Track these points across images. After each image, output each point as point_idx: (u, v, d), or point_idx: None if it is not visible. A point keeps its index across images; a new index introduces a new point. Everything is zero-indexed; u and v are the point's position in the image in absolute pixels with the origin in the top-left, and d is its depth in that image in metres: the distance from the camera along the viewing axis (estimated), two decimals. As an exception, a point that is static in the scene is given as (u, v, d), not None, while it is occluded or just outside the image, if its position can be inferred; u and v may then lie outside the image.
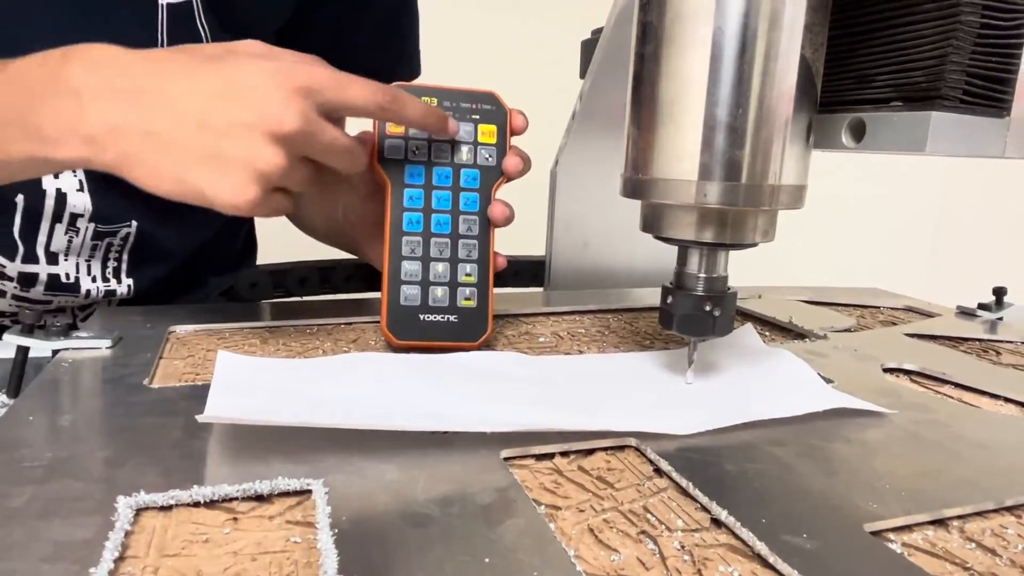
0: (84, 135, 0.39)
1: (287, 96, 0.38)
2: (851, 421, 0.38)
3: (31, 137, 0.39)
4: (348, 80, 0.41)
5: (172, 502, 0.27)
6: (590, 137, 0.69)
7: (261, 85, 0.39)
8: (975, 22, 0.33)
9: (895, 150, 0.35)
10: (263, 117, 0.38)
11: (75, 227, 0.58)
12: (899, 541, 0.28)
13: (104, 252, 0.61)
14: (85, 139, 0.39)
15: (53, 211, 0.57)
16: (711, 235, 0.38)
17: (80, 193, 0.57)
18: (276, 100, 0.38)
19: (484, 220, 0.48)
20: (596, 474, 0.32)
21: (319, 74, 0.40)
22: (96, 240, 0.60)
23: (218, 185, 0.39)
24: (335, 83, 0.40)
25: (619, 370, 0.45)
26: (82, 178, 0.57)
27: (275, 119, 0.38)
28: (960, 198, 1.73)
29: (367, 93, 0.41)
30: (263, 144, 0.38)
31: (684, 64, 0.36)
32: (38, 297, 0.60)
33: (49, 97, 0.39)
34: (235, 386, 0.37)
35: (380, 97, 0.41)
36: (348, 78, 0.41)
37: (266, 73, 0.39)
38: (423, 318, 0.46)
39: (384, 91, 0.41)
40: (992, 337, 0.59)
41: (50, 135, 0.39)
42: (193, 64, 0.40)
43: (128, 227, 0.61)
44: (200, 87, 0.39)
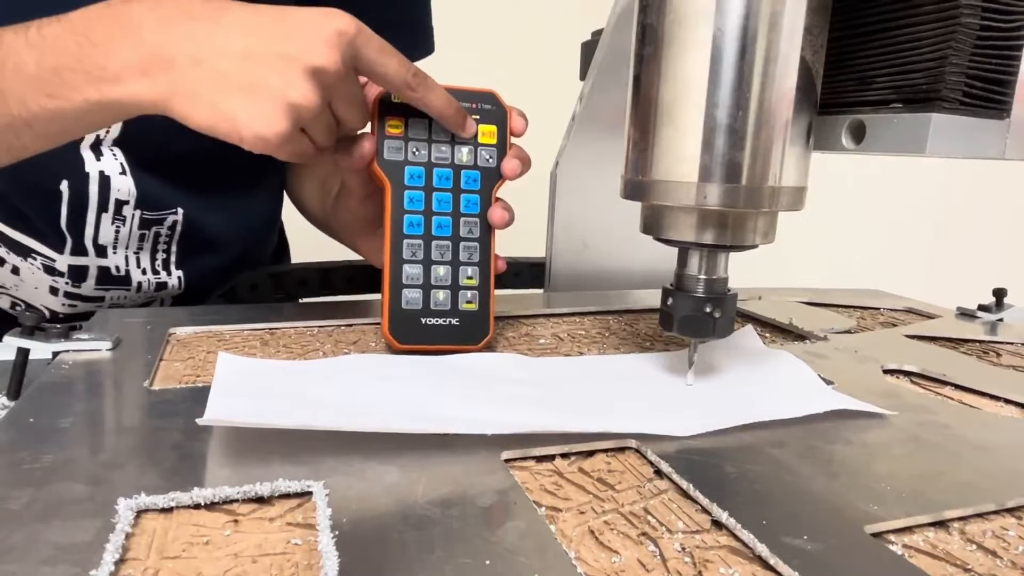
0: (140, 66, 0.40)
1: (332, 36, 0.40)
2: (851, 422, 0.38)
3: (93, 78, 0.41)
4: (390, 48, 0.42)
5: (172, 504, 0.27)
6: (590, 139, 0.69)
7: (310, 22, 0.40)
8: (975, 24, 0.33)
9: (895, 152, 0.35)
10: (304, 51, 0.39)
11: (121, 215, 0.59)
12: (900, 543, 0.28)
13: (152, 243, 0.62)
14: (141, 70, 0.40)
15: (99, 198, 0.57)
16: (711, 237, 0.38)
17: (123, 177, 0.58)
18: (320, 38, 0.40)
19: (485, 222, 0.48)
20: (597, 476, 0.32)
21: (369, 35, 0.41)
22: (143, 229, 0.61)
23: (251, 114, 0.40)
24: (379, 44, 0.41)
25: (619, 372, 0.45)
26: (123, 160, 0.58)
27: (316, 53, 0.39)
28: (960, 199, 1.73)
29: (401, 66, 0.42)
30: (299, 76, 0.39)
31: (684, 66, 0.36)
32: (90, 293, 0.61)
33: (113, 36, 0.40)
34: (235, 388, 0.37)
35: (410, 75, 0.42)
36: (391, 50, 0.42)
37: (319, 13, 0.40)
38: (425, 322, 0.46)
39: (417, 71, 0.43)
40: (992, 338, 0.59)
41: (112, 72, 0.40)
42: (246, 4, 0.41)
43: (175, 214, 0.62)
44: (252, 20, 0.40)
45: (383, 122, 0.46)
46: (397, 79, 0.42)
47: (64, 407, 0.36)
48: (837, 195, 1.36)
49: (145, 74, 0.40)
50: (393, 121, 0.46)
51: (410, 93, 0.43)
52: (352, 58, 0.41)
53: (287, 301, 0.72)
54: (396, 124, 0.46)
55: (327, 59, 0.39)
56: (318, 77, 0.40)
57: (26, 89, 0.42)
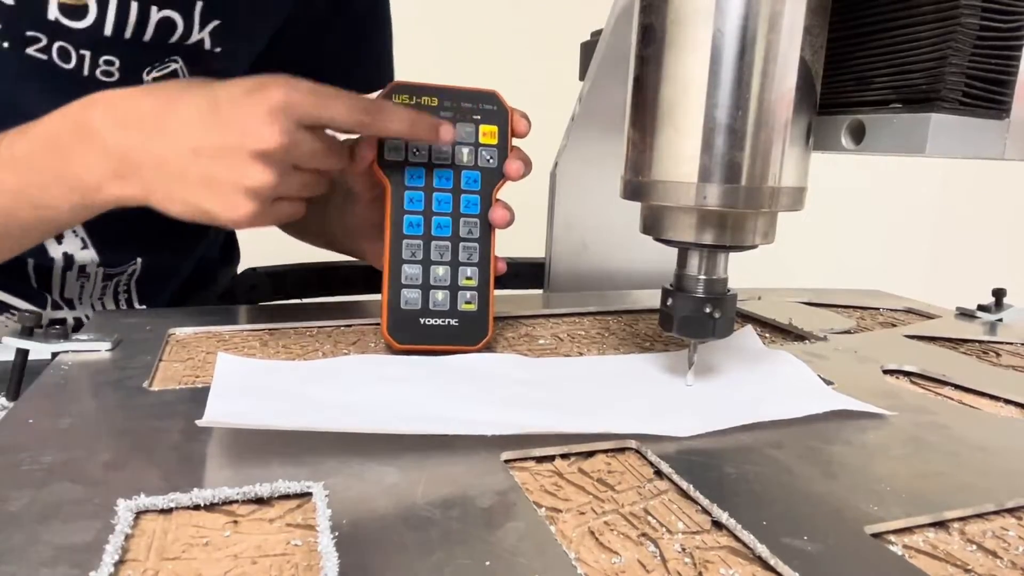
0: (114, 172, 0.42)
1: (266, 115, 0.40)
2: (851, 423, 0.38)
3: (73, 188, 0.43)
4: (328, 95, 0.41)
5: (172, 505, 0.27)
6: (589, 139, 0.69)
7: (242, 107, 0.40)
8: (974, 24, 0.33)
9: (895, 152, 0.35)
10: (245, 137, 0.40)
11: (85, 273, 0.61)
12: (900, 543, 0.28)
13: (114, 289, 0.64)
14: (115, 175, 0.43)
15: (63, 267, 0.60)
16: (711, 237, 0.38)
17: (86, 251, 0.60)
18: (256, 120, 0.40)
19: (485, 222, 0.47)
20: (597, 476, 0.32)
21: (298, 90, 0.41)
22: (106, 281, 0.63)
23: (217, 205, 0.42)
24: (315, 99, 0.41)
25: (619, 372, 0.45)
26: (84, 236, 0.60)
27: (256, 138, 0.40)
28: (960, 200, 1.73)
29: (347, 108, 0.41)
30: (248, 163, 0.40)
31: (684, 66, 0.36)
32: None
33: (77, 145, 0.43)
34: (235, 389, 0.37)
35: (360, 113, 0.42)
36: (328, 93, 0.42)
37: (247, 94, 0.41)
38: (424, 322, 0.46)
39: (365, 106, 0.42)
40: (992, 338, 0.59)
41: (89, 182, 0.43)
42: (187, 92, 0.42)
43: (134, 264, 0.64)
44: (191, 115, 0.41)
45: None
46: (348, 122, 0.42)
47: (63, 408, 0.36)
48: (837, 195, 1.36)
49: (120, 177, 0.43)
50: None
51: (367, 129, 0.43)
52: (295, 123, 0.41)
53: (286, 301, 0.72)
54: None
55: (268, 140, 0.40)
56: (266, 158, 0.40)
57: (13, 204, 0.44)
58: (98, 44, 0.50)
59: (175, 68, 0.55)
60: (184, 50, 0.54)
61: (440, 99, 0.46)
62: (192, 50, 0.55)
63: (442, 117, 0.46)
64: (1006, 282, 0.68)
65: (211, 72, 0.56)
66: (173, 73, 0.55)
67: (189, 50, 0.55)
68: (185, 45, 0.54)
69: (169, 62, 0.54)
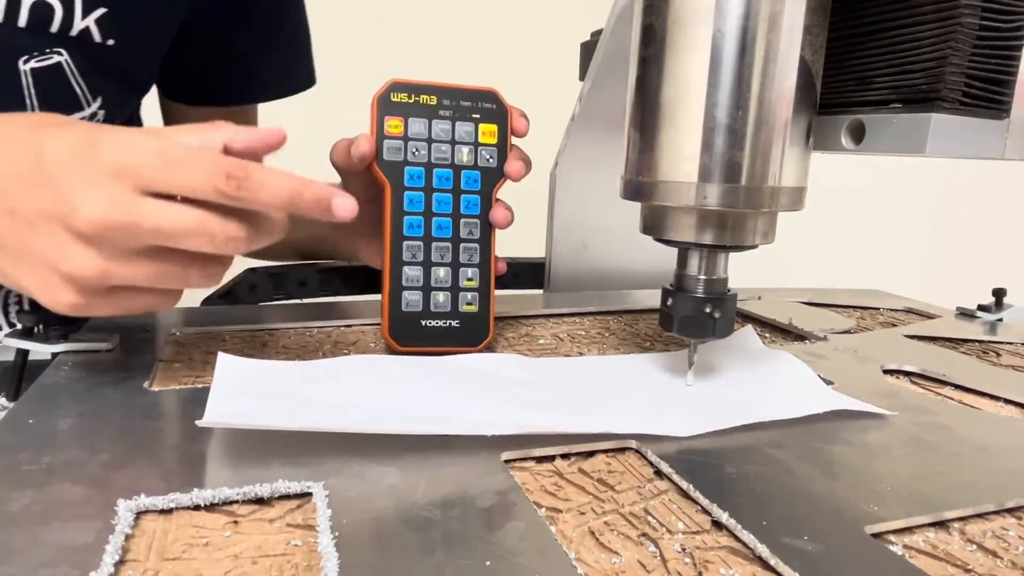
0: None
1: (90, 179, 0.31)
2: (851, 423, 0.38)
3: None
4: (176, 159, 0.32)
5: (172, 505, 0.27)
6: (589, 139, 0.69)
7: (65, 165, 0.32)
8: (974, 24, 0.33)
9: (895, 152, 0.35)
10: (58, 204, 0.32)
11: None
12: (900, 543, 0.28)
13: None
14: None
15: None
16: (711, 237, 0.38)
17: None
18: (76, 184, 0.31)
19: (485, 223, 0.47)
20: (597, 476, 0.32)
21: (138, 149, 0.32)
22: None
23: (35, 285, 0.34)
24: (158, 161, 0.32)
25: (619, 372, 0.45)
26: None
27: (70, 208, 0.31)
28: (959, 199, 1.73)
29: (201, 175, 0.32)
30: (68, 241, 0.32)
31: (684, 66, 0.36)
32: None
33: None
34: (235, 390, 0.37)
35: (220, 181, 0.32)
36: (177, 156, 0.32)
37: (74, 152, 0.32)
38: (425, 324, 0.46)
39: (231, 171, 0.32)
40: (992, 338, 0.59)
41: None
42: (13, 138, 0.35)
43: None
44: (12, 166, 0.33)
45: (382, 122, 0.45)
46: (205, 191, 0.32)
47: (63, 408, 0.36)
48: (837, 195, 1.36)
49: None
50: (392, 120, 0.45)
51: (231, 201, 0.33)
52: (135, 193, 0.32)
53: (286, 302, 0.72)
54: (395, 124, 0.45)
55: (94, 215, 0.31)
56: (89, 240, 0.32)
57: None
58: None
59: (59, 60, 0.49)
60: (69, 41, 0.49)
61: (439, 97, 0.46)
62: (79, 41, 0.50)
63: (441, 115, 0.46)
64: (1006, 282, 0.68)
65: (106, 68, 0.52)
66: (56, 65, 0.49)
67: (76, 41, 0.50)
68: (70, 36, 0.49)
69: (51, 53, 0.49)
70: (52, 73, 0.50)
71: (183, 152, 0.33)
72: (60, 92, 0.51)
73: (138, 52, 0.55)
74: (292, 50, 0.69)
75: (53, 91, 0.51)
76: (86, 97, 0.53)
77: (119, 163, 0.32)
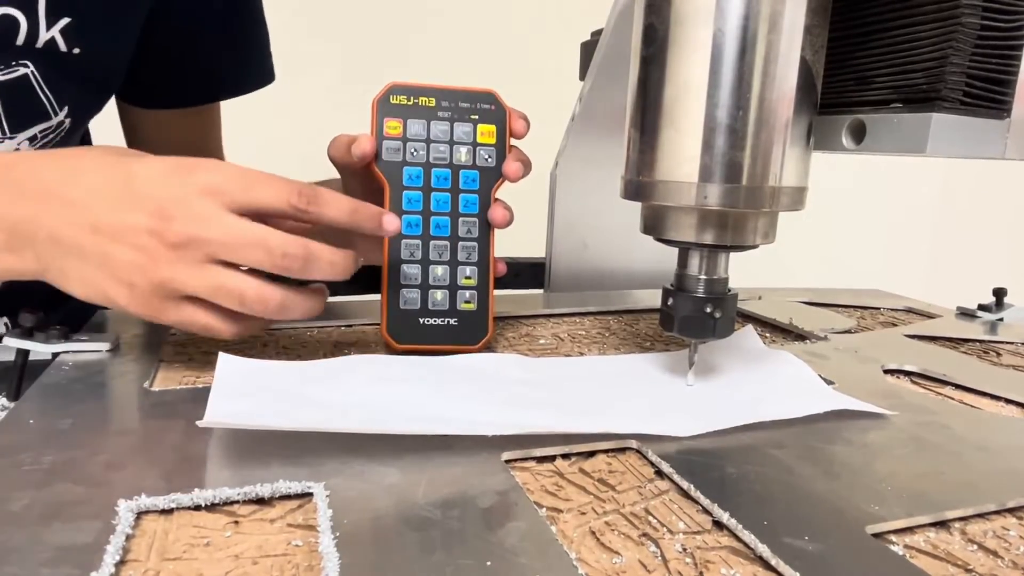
0: (5, 244, 0.38)
1: (182, 196, 0.36)
2: (852, 423, 0.38)
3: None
4: (258, 178, 0.38)
5: (173, 505, 0.27)
6: (590, 139, 0.69)
7: (157, 184, 0.36)
8: (975, 24, 0.33)
9: (896, 152, 0.35)
10: (152, 217, 0.36)
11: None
12: (901, 543, 0.28)
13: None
14: (6, 247, 0.38)
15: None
16: (712, 237, 0.38)
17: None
18: (170, 200, 0.36)
19: (484, 222, 0.47)
20: (597, 476, 0.32)
21: (224, 172, 0.37)
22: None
23: (118, 293, 0.37)
24: (241, 182, 0.37)
25: (620, 372, 0.45)
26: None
27: (165, 220, 0.36)
28: (960, 199, 1.73)
29: (279, 193, 0.38)
30: (154, 248, 0.36)
31: (685, 66, 0.36)
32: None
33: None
34: (235, 390, 0.37)
35: (293, 198, 0.38)
36: (258, 176, 0.38)
37: (165, 172, 0.37)
38: (423, 322, 0.46)
39: (301, 190, 0.38)
40: (992, 338, 0.59)
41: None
42: (98, 163, 0.38)
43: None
44: (100, 187, 0.37)
45: (381, 124, 0.46)
46: (280, 207, 0.38)
47: (64, 408, 0.36)
48: (837, 195, 1.36)
49: (12, 251, 0.38)
50: (392, 122, 0.46)
51: (301, 216, 0.39)
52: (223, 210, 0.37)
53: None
54: (395, 125, 0.46)
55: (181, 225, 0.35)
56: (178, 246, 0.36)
57: None
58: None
59: (25, 72, 0.49)
60: (36, 53, 0.49)
61: (437, 99, 0.47)
62: (45, 53, 0.49)
63: (440, 117, 0.47)
64: (1007, 281, 0.68)
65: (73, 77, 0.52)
66: (23, 78, 0.50)
67: (42, 53, 0.49)
68: (36, 48, 0.49)
69: (17, 66, 0.49)
70: (18, 85, 0.50)
71: (262, 174, 0.38)
72: (27, 104, 0.51)
73: (104, 59, 0.55)
74: (249, 47, 0.68)
75: (20, 103, 0.51)
76: (53, 107, 0.53)
77: (208, 183, 0.36)
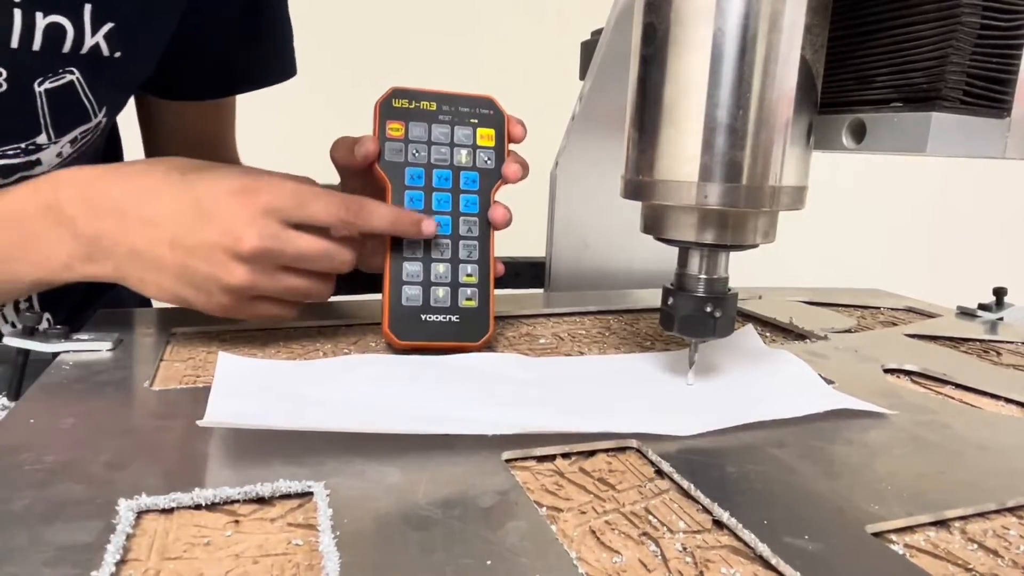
0: (84, 255, 0.43)
1: (249, 216, 0.41)
2: (852, 422, 0.38)
3: (38, 266, 0.43)
4: (311, 196, 0.42)
5: (173, 505, 0.27)
6: (590, 138, 0.69)
7: (225, 206, 0.41)
8: (975, 23, 0.33)
9: (896, 151, 0.35)
10: (224, 236, 0.41)
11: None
12: (901, 542, 0.28)
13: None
14: (86, 257, 0.43)
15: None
16: (712, 236, 0.38)
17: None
18: (238, 220, 0.41)
19: (484, 221, 0.48)
20: (597, 476, 0.32)
21: (282, 192, 0.42)
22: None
23: (195, 297, 0.43)
24: (297, 200, 0.42)
25: (620, 371, 0.45)
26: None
27: (235, 238, 0.41)
28: (960, 198, 1.73)
29: (329, 208, 0.42)
30: (227, 262, 0.41)
31: (685, 66, 0.36)
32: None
33: (45, 226, 0.43)
34: (236, 389, 0.37)
35: (343, 212, 0.43)
36: (311, 193, 0.42)
37: (231, 193, 0.42)
38: (425, 318, 0.46)
39: (348, 205, 0.43)
40: (993, 337, 0.59)
41: (56, 263, 0.43)
42: (167, 182, 0.43)
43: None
44: (171, 207, 0.42)
45: (384, 126, 0.46)
46: (331, 221, 0.43)
47: (65, 408, 0.36)
48: (837, 194, 1.36)
49: (91, 260, 0.43)
50: (394, 124, 0.47)
51: (350, 227, 0.44)
52: (279, 225, 0.42)
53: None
54: (396, 127, 0.47)
55: (248, 242, 0.41)
56: (245, 259, 0.41)
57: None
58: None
59: (71, 79, 0.52)
60: (80, 59, 0.51)
61: (438, 104, 0.47)
62: (90, 59, 0.52)
63: (440, 120, 0.47)
64: (1007, 281, 0.68)
65: (113, 79, 0.55)
66: (69, 84, 0.52)
67: (86, 59, 0.52)
68: (81, 54, 0.51)
69: (64, 73, 0.51)
70: (64, 91, 0.52)
71: (312, 190, 0.43)
72: (71, 108, 0.53)
73: (141, 59, 0.57)
74: (273, 40, 0.69)
75: (65, 108, 0.53)
76: (93, 109, 0.55)
77: (268, 204, 0.41)
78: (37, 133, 0.53)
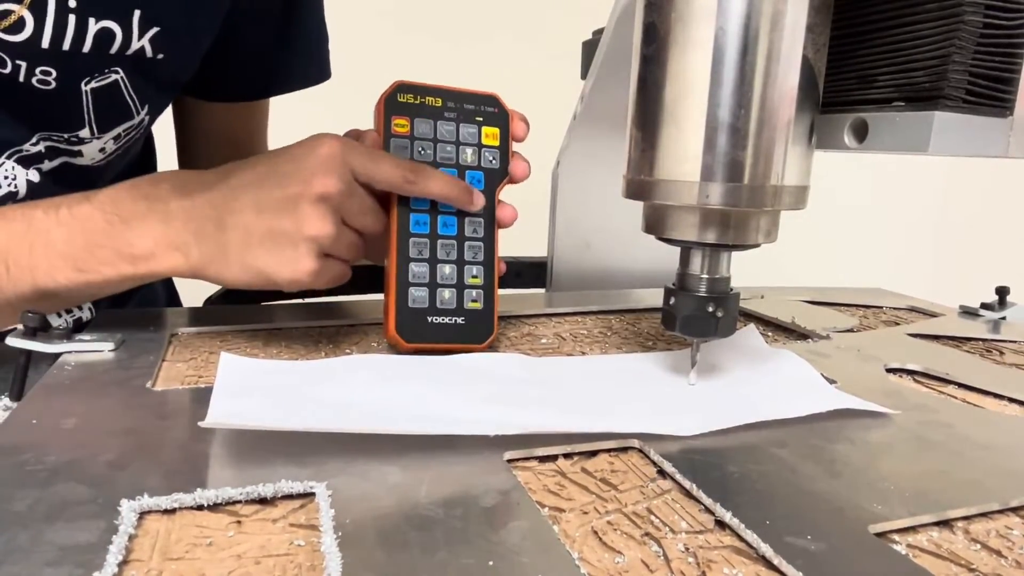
0: (170, 242, 0.44)
1: (326, 162, 0.42)
2: (854, 422, 0.38)
3: (123, 255, 0.44)
4: (380, 155, 0.44)
5: (175, 505, 0.27)
6: (591, 138, 0.69)
7: (300, 159, 0.43)
8: (978, 22, 0.33)
9: (898, 150, 0.35)
10: (306, 183, 0.42)
11: None
12: (904, 542, 0.28)
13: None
14: (171, 245, 0.44)
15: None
16: (714, 236, 0.38)
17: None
18: (317, 166, 0.42)
19: (489, 222, 0.48)
20: (600, 476, 0.32)
21: (355, 147, 0.44)
22: None
23: (276, 262, 0.43)
24: (369, 157, 0.44)
25: (622, 371, 0.45)
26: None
27: (317, 182, 0.42)
28: (962, 198, 1.73)
29: (395, 167, 0.44)
30: (309, 208, 0.42)
31: (686, 65, 0.36)
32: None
33: (141, 214, 0.44)
34: (237, 390, 0.37)
35: (407, 172, 0.44)
36: (380, 154, 0.44)
37: (302, 148, 0.44)
38: (431, 320, 0.46)
39: (412, 166, 0.45)
40: (995, 337, 0.59)
41: (142, 251, 0.44)
42: (247, 161, 0.45)
43: None
44: (252, 176, 0.44)
45: (389, 121, 0.46)
46: (394, 179, 0.44)
47: (67, 408, 0.36)
48: (839, 194, 1.36)
49: (176, 248, 0.44)
50: (399, 120, 0.46)
51: (411, 187, 0.45)
52: (349, 173, 0.43)
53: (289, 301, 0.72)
54: (402, 123, 0.46)
55: (326, 185, 0.42)
56: (324, 203, 0.42)
57: (55, 264, 0.44)
58: (35, 55, 0.49)
59: (116, 79, 0.54)
60: (125, 60, 0.53)
61: (444, 100, 0.47)
62: (134, 59, 0.54)
63: (446, 117, 0.47)
64: (1010, 280, 0.68)
65: (156, 79, 0.56)
66: (114, 84, 0.54)
67: (131, 60, 0.53)
68: (127, 56, 0.53)
69: (109, 72, 0.53)
70: (109, 90, 0.54)
71: (381, 153, 0.45)
72: (115, 106, 0.55)
73: (184, 61, 0.59)
74: (308, 43, 0.70)
75: (109, 106, 0.55)
76: (136, 107, 0.57)
77: (340, 150, 0.43)
78: (80, 127, 0.54)
